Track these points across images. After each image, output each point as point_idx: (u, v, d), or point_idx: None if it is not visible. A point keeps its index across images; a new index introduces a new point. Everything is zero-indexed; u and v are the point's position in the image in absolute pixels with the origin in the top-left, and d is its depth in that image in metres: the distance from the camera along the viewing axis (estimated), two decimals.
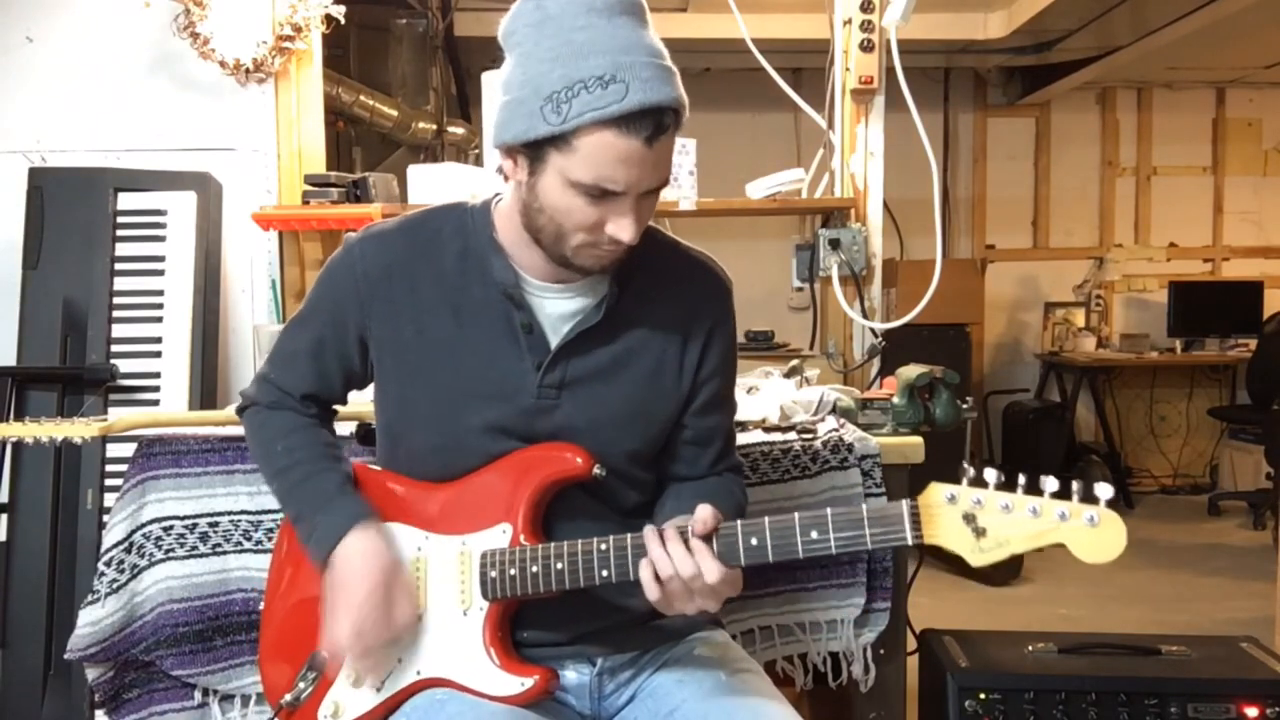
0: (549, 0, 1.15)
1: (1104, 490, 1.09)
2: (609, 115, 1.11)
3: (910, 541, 1.15)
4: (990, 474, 1.12)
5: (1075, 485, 1.10)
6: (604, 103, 1.11)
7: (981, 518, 1.12)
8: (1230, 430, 5.94)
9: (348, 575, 1.27)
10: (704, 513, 1.18)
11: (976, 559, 1.13)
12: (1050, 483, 1.10)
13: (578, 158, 1.14)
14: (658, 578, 1.18)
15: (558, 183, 1.17)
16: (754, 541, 1.18)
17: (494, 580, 1.27)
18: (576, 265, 1.25)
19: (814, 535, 1.17)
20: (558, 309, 1.31)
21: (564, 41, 1.13)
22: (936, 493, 1.14)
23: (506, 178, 1.26)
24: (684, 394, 1.36)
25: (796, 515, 1.18)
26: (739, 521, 1.20)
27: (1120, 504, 5.52)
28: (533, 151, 1.17)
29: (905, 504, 1.15)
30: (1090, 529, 1.09)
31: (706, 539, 1.18)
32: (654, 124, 1.13)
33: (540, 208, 1.21)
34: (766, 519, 1.19)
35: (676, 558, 1.17)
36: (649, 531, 1.20)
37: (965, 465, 1.14)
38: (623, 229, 1.19)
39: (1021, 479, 1.12)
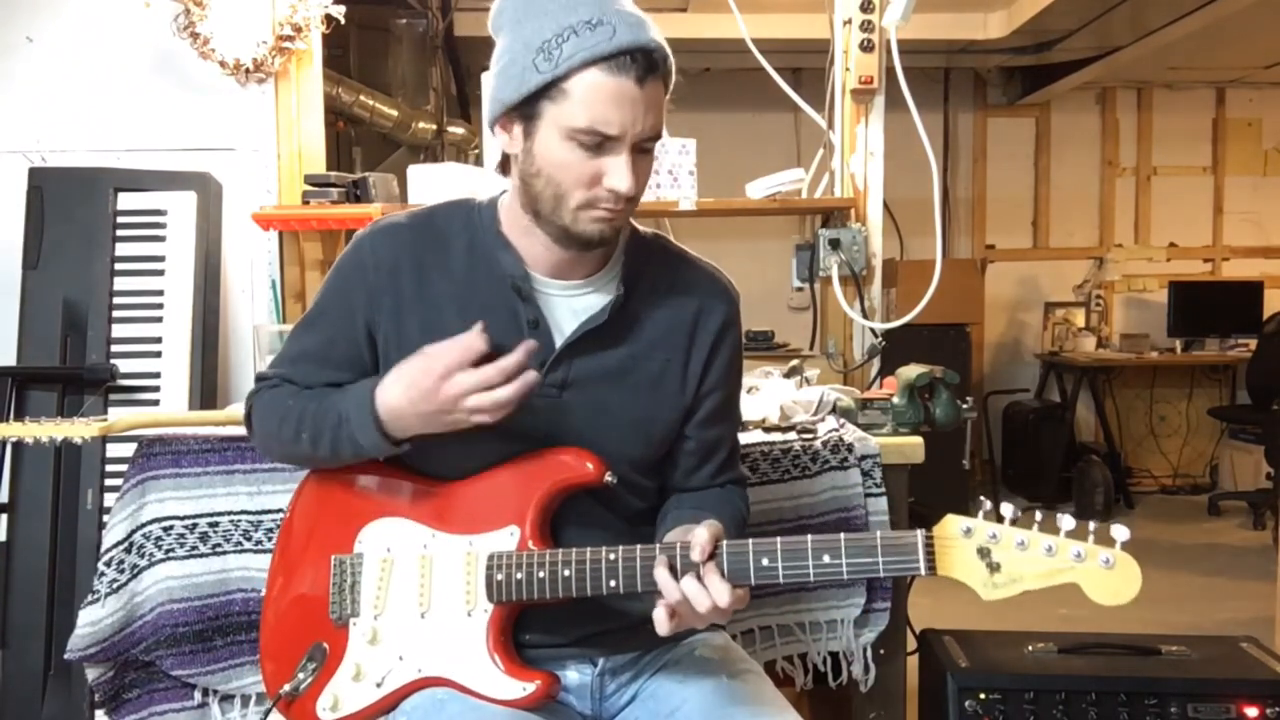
0: None
1: (1120, 532, 1.10)
2: (599, 53, 1.15)
3: (923, 573, 1.15)
4: (1007, 509, 1.13)
5: (1092, 525, 1.11)
6: (593, 42, 1.16)
7: (996, 553, 1.12)
8: (1230, 430, 5.93)
9: (415, 394, 1.22)
10: (701, 538, 1.17)
11: (988, 594, 1.13)
12: (1067, 521, 1.11)
13: (571, 102, 1.17)
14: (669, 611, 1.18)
15: (554, 136, 1.19)
16: (765, 562, 1.18)
17: (500, 583, 1.26)
18: (577, 233, 1.24)
19: (826, 559, 1.17)
20: (565, 306, 1.31)
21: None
22: (952, 525, 1.14)
23: (505, 167, 1.28)
24: (687, 404, 1.36)
25: (810, 538, 1.18)
26: (751, 541, 1.20)
27: (1120, 504, 5.56)
28: (527, 109, 1.20)
29: (920, 535, 1.15)
30: (1105, 571, 1.10)
31: (711, 561, 1.17)
32: (644, 63, 1.17)
33: (537, 171, 1.22)
34: (779, 540, 1.19)
35: (690, 592, 1.16)
36: (660, 568, 1.18)
37: (982, 499, 1.14)
38: (619, 179, 1.20)
39: (1039, 516, 1.13)
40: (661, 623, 1.17)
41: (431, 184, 2.63)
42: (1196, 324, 5.90)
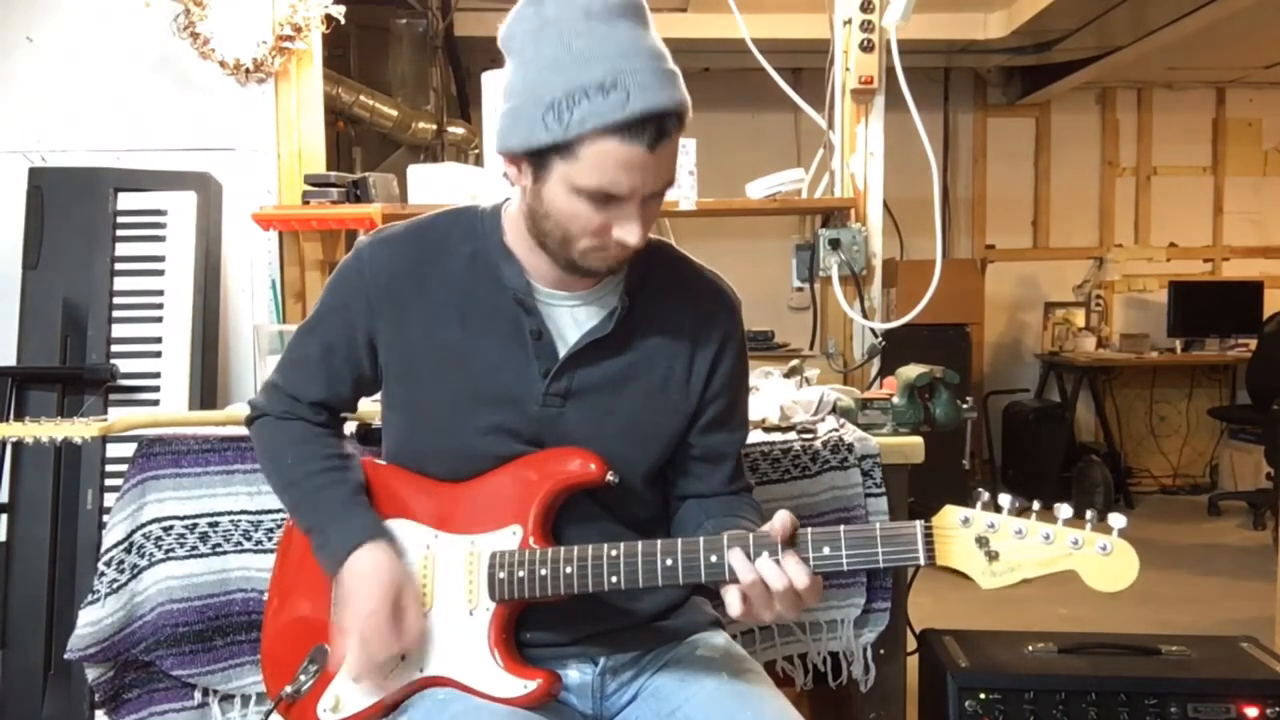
0: (547, 5, 1.14)
1: (1117, 520, 1.10)
2: (611, 123, 1.10)
3: (923, 563, 1.15)
4: (1004, 499, 1.14)
5: (1089, 513, 1.11)
6: (605, 110, 1.10)
7: (994, 542, 1.13)
8: (1230, 430, 5.94)
9: (356, 589, 1.27)
10: (782, 519, 1.18)
11: (987, 582, 1.13)
12: (1064, 510, 1.11)
13: (581, 165, 1.14)
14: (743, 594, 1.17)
15: (562, 189, 1.17)
16: (766, 555, 1.18)
17: (502, 581, 1.26)
18: (584, 268, 1.25)
19: (826, 551, 1.18)
20: (567, 318, 1.31)
21: (563, 47, 1.12)
22: (951, 515, 1.15)
23: (512, 183, 1.26)
24: (689, 411, 1.36)
25: (809, 531, 1.18)
26: (751, 535, 1.20)
27: (1120, 504, 5.56)
28: (536, 159, 1.17)
29: (919, 525, 1.15)
30: (1103, 557, 1.10)
31: (791, 546, 1.17)
32: (656, 129, 1.12)
33: (546, 214, 1.20)
34: (752, 535, 1.19)
35: (767, 573, 1.16)
36: (735, 552, 1.18)
37: (980, 490, 1.15)
38: (629, 233, 1.19)
39: (1036, 505, 1.13)
40: (734, 605, 1.17)
41: (431, 184, 2.63)
42: (1196, 324, 5.90)
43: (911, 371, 1.99)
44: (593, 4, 1.12)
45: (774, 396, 2.04)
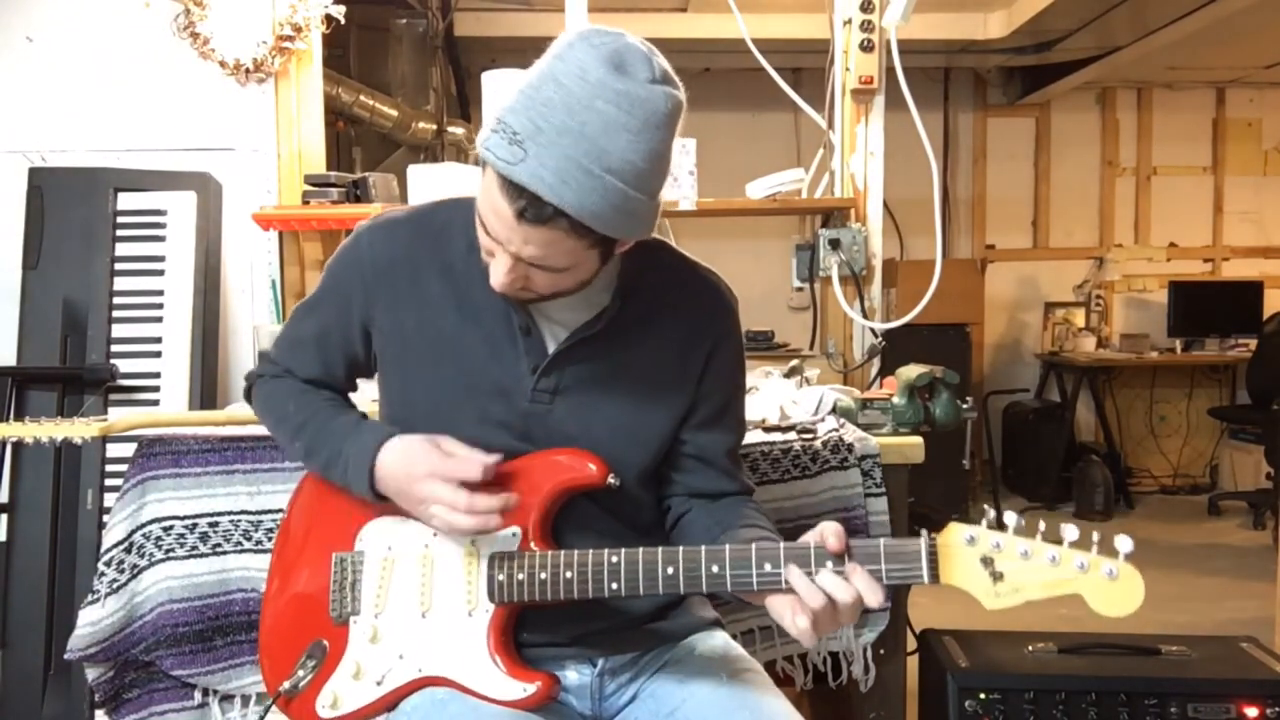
0: (579, 46, 1.10)
1: (1124, 543, 1.08)
2: (496, 168, 1.10)
3: (926, 581, 1.13)
4: (1010, 517, 1.12)
5: (1095, 536, 1.09)
6: (499, 154, 1.09)
7: (999, 562, 1.11)
8: (1230, 430, 5.94)
9: (399, 469, 1.26)
10: (834, 529, 1.15)
11: (991, 603, 1.11)
12: (1070, 531, 1.10)
13: (483, 182, 1.15)
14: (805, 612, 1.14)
15: (479, 194, 1.17)
16: (769, 567, 1.17)
17: (502, 584, 1.26)
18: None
19: (830, 566, 1.16)
20: (558, 315, 1.31)
21: (535, 86, 1.10)
22: (956, 533, 1.13)
23: None
24: (681, 410, 1.35)
25: (812, 544, 1.16)
26: (754, 546, 1.18)
27: (1120, 504, 5.57)
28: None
29: (924, 543, 1.13)
30: (1109, 582, 1.09)
31: (849, 559, 1.15)
32: (528, 203, 1.09)
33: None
34: (782, 545, 1.18)
35: (831, 588, 1.14)
36: (793, 570, 1.15)
37: (986, 507, 1.13)
38: (492, 272, 1.19)
39: (1041, 525, 1.11)
40: (805, 634, 1.15)
41: (431, 184, 2.63)
42: (1196, 324, 5.90)
43: (911, 371, 1.99)
44: (596, 75, 1.08)
45: (774, 396, 2.04)
